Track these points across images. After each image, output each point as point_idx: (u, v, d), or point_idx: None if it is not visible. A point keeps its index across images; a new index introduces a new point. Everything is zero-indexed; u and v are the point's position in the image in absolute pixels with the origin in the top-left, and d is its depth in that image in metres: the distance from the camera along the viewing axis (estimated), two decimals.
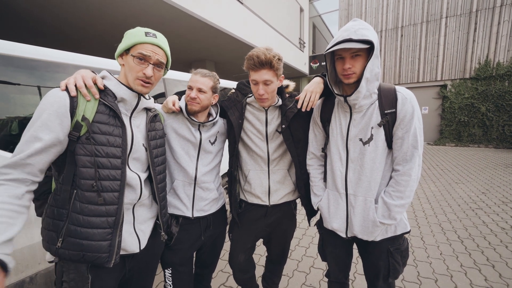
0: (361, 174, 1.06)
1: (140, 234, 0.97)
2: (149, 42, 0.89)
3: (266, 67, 1.09)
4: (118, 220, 0.86)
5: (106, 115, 0.85)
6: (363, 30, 0.92)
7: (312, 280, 2.05)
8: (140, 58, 0.88)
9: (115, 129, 0.86)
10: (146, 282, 1.12)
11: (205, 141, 1.27)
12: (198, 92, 1.19)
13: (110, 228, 0.85)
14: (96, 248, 0.82)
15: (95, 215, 0.83)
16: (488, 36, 9.29)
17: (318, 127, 1.22)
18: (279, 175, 1.32)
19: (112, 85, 0.89)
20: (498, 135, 9.34)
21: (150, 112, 1.03)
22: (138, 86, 0.91)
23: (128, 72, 0.90)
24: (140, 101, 0.95)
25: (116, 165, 0.85)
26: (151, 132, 1.01)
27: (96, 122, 0.82)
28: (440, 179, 5.04)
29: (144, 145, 0.98)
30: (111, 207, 0.84)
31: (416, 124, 0.98)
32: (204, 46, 7.07)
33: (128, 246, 0.93)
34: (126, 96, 0.90)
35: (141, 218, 0.98)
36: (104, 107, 0.85)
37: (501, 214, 3.26)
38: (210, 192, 1.30)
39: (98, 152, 0.82)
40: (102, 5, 4.45)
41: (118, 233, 0.86)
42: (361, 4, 11.72)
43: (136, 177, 0.93)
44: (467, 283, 1.96)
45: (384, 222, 1.01)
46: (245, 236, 1.39)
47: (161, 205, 1.05)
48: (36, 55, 1.43)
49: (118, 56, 0.93)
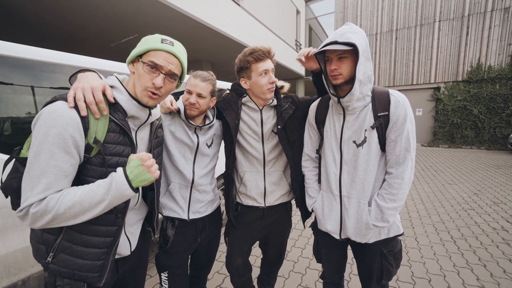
0: (354, 176, 1.07)
1: (130, 236, 0.96)
2: (164, 49, 0.81)
3: (269, 57, 1.18)
4: (116, 241, 0.84)
5: (117, 134, 0.79)
6: (349, 34, 0.95)
7: (308, 281, 2.06)
8: (152, 66, 0.80)
9: (125, 149, 0.81)
10: (139, 278, 1.12)
11: (203, 144, 1.26)
12: (198, 98, 1.16)
13: (106, 248, 0.82)
14: (89, 267, 0.80)
15: (95, 235, 0.80)
16: (479, 40, 9.49)
17: (313, 128, 1.23)
18: (275, 176, 1.33)
19: (123, 100, 0.81)
20: (489, 137, 9.52)
21: (156, 121, 0.99)
22: (145, 97, 0.83)
23: (137, 81, 0.82)
24: (150, 116, 0.89)
25: None
26: (153, 141, 0.97)
27: (107, 143, 0.77)
28: (433, 180, 5.11)
29: None
30: (112, 228, 0.83)
31: (409, 127, 0.99)
32: (201, 47, 7.07)
33: (121, 250, 0.92)
34: (137, 114, 0.84)
35: (130, 221, 0.96)
36: (114, 124, 0.79)
37: (492, 215, 3.32)
38: (207, 194, 1.30)
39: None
40: (100, 5, 4.42)
41: (112, 253, 0.84)
42: (356, 7, 11.85)
43: None
44: (459, 283, 1.99)
45: (377, 224, 1.03)
46: (242, 239, 1.38)
47: (157, 211, 1.04)
48: (31, 55, 1.41)
49: (130, 63, 0.85)
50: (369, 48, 5.39)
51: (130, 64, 0.85)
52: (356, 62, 0.96)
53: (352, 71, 1.00)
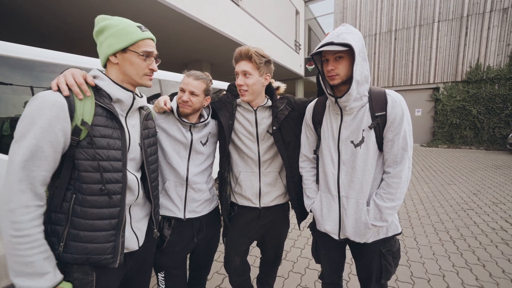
0: (353, 176, 1.07)
1: (137, 232, 0.99)
2: (148, 37, 0.90)
3: (245, 59, 1.17)
4: (121, 221, 0.87)
5: (104, 118, 0.83)
6: (345, 34, 0.96)
7: (307, 281, 2.06)
8: (146, 55, 0.89)
9: (114, 132, 0.85)
10: (144, 279, 1.13)
11: (196, 141, 1.27)
12: (190, 95, 1.19)
13: (114, 230, 0.86)
14: (101, 250, 0.83)
15: (99, 218, 0.83)
16: (478, 40, 9.52)
17: (310, 129, 1.23)
18: (270, 177, 1.33)
19: (106, 85, 0.86)
20: (488, 137, 9.54)
21: (143, 111, 1.03)
22: (147, 81, 0.94)
23: (131, 70, 0.89)
24: (135, 100, 0.94)
25: (117, 168, 0.85)
26: (145, 131, 1.01)
27: (95, 125, 0.81)
28: (433, 180, 5.12)
29: (140, 144, 0.98)
30: (114, 210, 0.85)
31: (406, 127, 1.00)
32: (200, 47, 7.07)
33: (130, 245, 0.95)
34: (121, 96, 0.88)
35: (137, 217, 1.00)
36: (101, 109, 0.83)
37: (491, 215, 3.33)
38: (203, 193, 1.29)
39: (100, 156, 0.81)
40: (99, 5, 4.42)
41: (121, 234, 0.87)
42: (355, 7, 11.88)
43: (134, 178, 0.94)
44: (458, 283, 1.99)
45: (376, 224, 1.03)
46: (239, 239, 1.39)
47: (155, 203, 1.06)
48: (31, 55, 1.41)
49: (111, 55, 0.88)
50: (368, 48, 5.47)
51: (112, 56, 0.88)
52: (353, 62, 0.97)
53: (349, 71, 1.01)
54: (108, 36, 0.86)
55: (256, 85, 1.20)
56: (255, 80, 1.19)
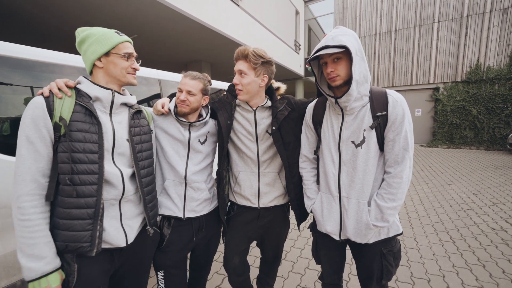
0: (353, 177, 1.07)
1: (127, 229, 1.00)
2: (126, 40, 1.00)
3: (242, 59, 1.19)
4: (98, 211, 0.90)
5: (83, 114, 0.91)
6: (340, 36, 0.97)
7: (307, 281, 2.06)
8: (127, 56, 0.99)
9: (91, 127, 0.91)
10: (140, 277, 1.13)
11: (194, 140, 1.28)
12: (188, 95, 1.22)
13: (91, 219, 0.89)
14: (77, 238, 0.87)
15: (75, 207, 0.87)
16: (478, 40, 9.52)
17: (310, 129, 1.23)
18: (269, 177, 1.33)
19: (84, 86, 0.95)
20: (488, 137, 9.55)
21: (132, 109, 1.08)
22: (132, 79, 1.03)
23: (116, 70, 0.98)
24: (115, 97, 0.99)
25: (93, 160, 0.90)
26: (134, 128, 1.05)
27: (73, 121, 0.88)
28: (432, 180, 5.12)
29: (128, 140, 1.02)
30: (90, 199, 0.89)
31: (407, 127, 1.00)
32: (200, 48, 7.07)
33: (114, 240, 0.96)
34: (99, 94, 0.95)
35: (128, 213, 1.02)
36: (80, 107, 0.91)
37: (491, 215, 3.33)
38: (202, 193, 1.30)
39: (75, 148, 0.87)
40: (99, 5, 4.42)
41: (99, 224, 0.90)
42: (355, 7, 11.88)
43: (117, 172, 0.96)
44: (458, 283, 1.99)
45: (377, 224, 1.03)
46: (238, 238, 1.39)
47: (146, 199, 1.07)
48: (31, 55, 1.41)
49: (96, 60, 0.96)
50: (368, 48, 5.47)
51: (97, 61, 0.96)
52: (351, 62, 0.97)
53: (348, 71, 1.01)
54: (90, 43, 0.94)
55: (251, 85, 1.20)
56: (250, 80, 1.19)
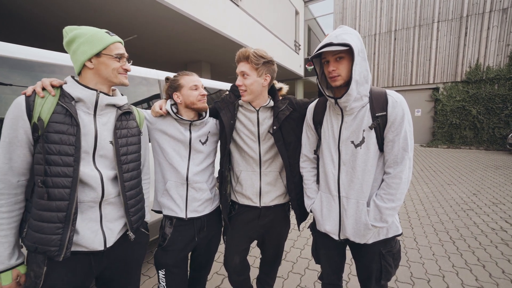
0: (353, 177, 1.07)
1: (107, 232, 0.97)
2: (117, 41, 0.97)
3: (244, 60, 1.21)
4: (69, 215, 0.87)
5: (62, 115, 0.88)
6: (344, 35, 0.97)
7: (306, 281, 2.06)
8: (119, 57, 0.96)
9: (69, 128, 0.88)
10: (129, 280, 1.11)
11: (195, 140, 1.28)
12: (203, 89, 1.31)
13: (61, 223, 0.86)
14: (46, 241, 0.85)
15: (46, 210, 0.86)
16: (478, 40, 9.53)
17: (311, 129, 1.24)
18: (271, 177, 1.34)
19: (67, 86, 0.92)
20: (488, 137, 9.55)
21: (120, 110, 1.03)
22: (123, 79, 1.00)
23: (107, 71, 0.95)
24: (100, 98, 0.95)
25: (68, 163, 0.87)
26: (120, 130, 1.01)
27: (52, 122, 0.86)
28: (432, 180, 5.12)
29: (112, 142, 0.98)
30: (61, 203, 0.86)
31: (407, 127, 1.00)
32: (200, 48, 7.07)
33: (89, 244, 0.92)
34: (81, 95, 0.91)
35: (110, 216, 0.99)
36: (61, 107, 0.88)
37: (491, 215, 3.33)
38: (203, 193, 1.31)
39: (50, 150, 0.85)
40: (99, 6, 4.42)
41: (70, 228, 0.87)
42: (355, 7, 11.88)
43: (96, 175, 0.93)
44: (458, 283, 1.99)
45: (376, 225, 1.03)
46: (239, 238, 1.39)
47: (129, 203, 1.03)
48: (31, 56, 1.41)
49: (86, 61, 0.92)
50: (368, 49, 5.47)
51: (87, 62, 0.93)
52: (353, 62, 0.97)
53: (350, 72, 1.00)
54: (80, 44, 0.91)
55: (254, 85, 1.21)
56: (253, 81, 1.20)
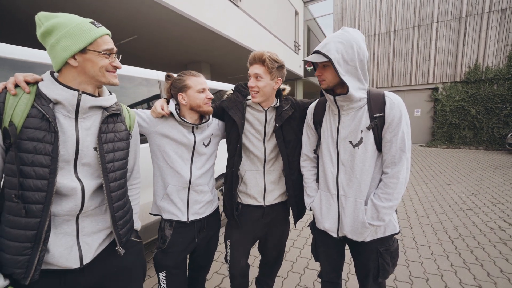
0: (351, 176, 1.09)
1: (84, 247, 0.85)
2: (105, 33, 0.82)
3: (258, 63, 1.22)
4: (41, 234, 0.75)
5: (39, 119, 0.75)
6: (332, 44, 0.98)
7: (306, 281, 2.07)
8: (108, 53, 0.82)
9: (46, 135, 0.75)
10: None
11: (199, 143, 1.27)
12: (208, 92, 1.26)
13: (30, 242, 0.75)
14: (11, 262, 0.74)
15: (13, 227, 0.75)
16: (477, 41, 9.54)
17: (311, 129, 1.26)
18: (274, 175, 1.35)
19: (43, 85, 0.78)
20: (488, 137, 9.56)
21: (107, 111, 0.89)
22: (112, 78, 0.86)
23: (94, 70, 0.81)
24: (82, 100, 0.81)
25: (41, 175, 0.75)
26: (106, 134, 0.88)
27: (25, 127, 0.73)
28: (432, 180, 5.13)
29: (96, 149, 0.86)
30: (31, 220, 0.74)
31: (404, 128, 1.01)
32: (200, 48, 7.08)
33: (62, 262, 0.80)
34: (59, 97, 0.77)
35: (87, 229, 0.87)
36: (37, 111, 0.75)
37: (490, 215, 3.34)
38: (205, 195, 1.31)
39: (23, 160, 0.73)
40: (99, 6, 4.43)
41: (41, 248, 0.76)
42: (354, 8, 11.90)
43: (76, 185, 0.82)
44: (456, 282, 2.00)
45: (373, 223, 1.04)
46: (245, 239, 1.40)
47: (117, 216, 0.91)
48: (31, 57, 1.42)
49: (69, 58, 0.79)
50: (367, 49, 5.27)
51: (70, 59, 0.79)
52: (337, 72, 0.99)
53: (335, 78, 1.04)
54: (60, 37, 0.76)
55: (266, 87, 1.23)
56: (266, 83, 1.22)
